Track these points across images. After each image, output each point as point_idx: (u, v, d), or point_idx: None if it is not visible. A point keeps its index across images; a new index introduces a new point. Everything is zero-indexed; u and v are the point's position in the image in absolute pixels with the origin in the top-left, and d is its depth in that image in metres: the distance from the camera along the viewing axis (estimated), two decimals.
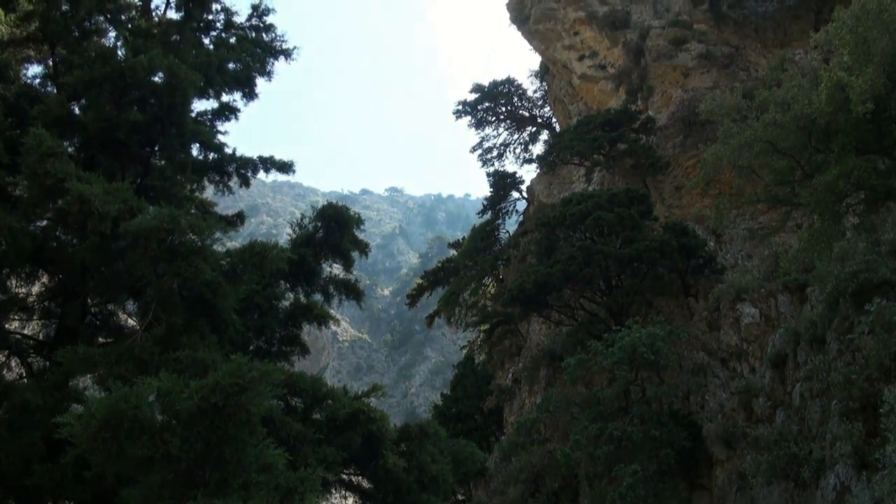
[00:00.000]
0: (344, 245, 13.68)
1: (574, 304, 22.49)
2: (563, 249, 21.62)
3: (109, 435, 6.49)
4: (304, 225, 13.99)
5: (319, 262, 13.78)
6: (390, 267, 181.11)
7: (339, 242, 13.67)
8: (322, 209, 13.77)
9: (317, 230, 13.78)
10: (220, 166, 15.59)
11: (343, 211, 13.65)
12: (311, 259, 13.38)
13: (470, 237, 37.62)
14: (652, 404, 16.40)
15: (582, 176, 31.22)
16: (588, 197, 22.92)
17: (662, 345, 16.09)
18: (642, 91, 29.98)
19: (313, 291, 13.84)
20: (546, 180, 35.65)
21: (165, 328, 9.13)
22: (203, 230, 9.02)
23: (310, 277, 13.61)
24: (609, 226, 21.26)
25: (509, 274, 32.76)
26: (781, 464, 11.60)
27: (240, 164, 15.86)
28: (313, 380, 10.64)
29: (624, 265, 20.77)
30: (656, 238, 20.44)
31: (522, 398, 25.91)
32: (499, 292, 31.67)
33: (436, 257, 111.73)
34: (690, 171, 24.49)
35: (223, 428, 6.80)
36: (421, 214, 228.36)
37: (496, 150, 46.04)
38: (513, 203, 37.74)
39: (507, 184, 37.36)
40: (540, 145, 45.05)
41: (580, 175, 31.75)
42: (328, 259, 13.85)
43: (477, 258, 35.23)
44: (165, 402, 6.83)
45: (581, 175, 31.48)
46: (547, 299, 21.91)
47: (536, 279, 21.14)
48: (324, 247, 13.72)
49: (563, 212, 22.58)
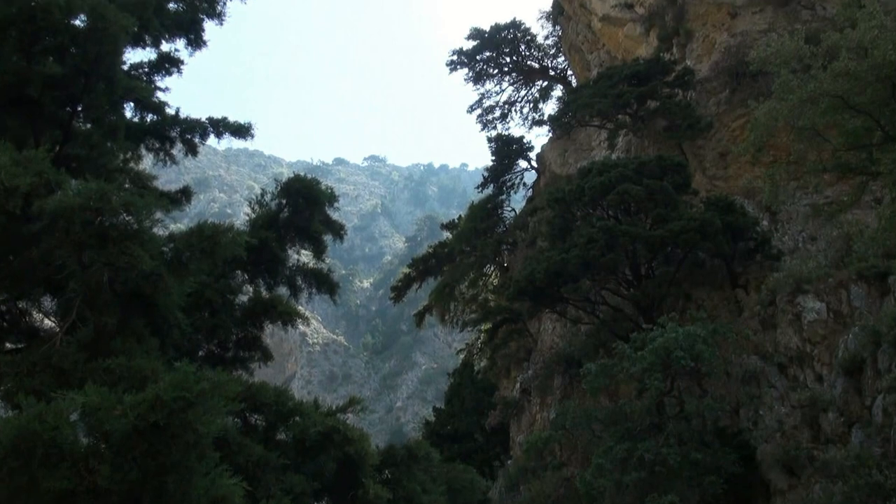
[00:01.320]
0: (314, 227, 13.72)
1: (595, 297, 22.59)
2: (581, 231, 21.71)
3: (19, 464, 6.33)
4: (266, 202, 13.97)
5: (284, 248, 13.82)
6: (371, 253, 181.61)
7: (307, 223, 13.72)
8: (287, 183, 13.72)
9: (281, 209, 13.76)
10: (161, 130, 15.52)
11: (313, 185, 13.61)
12: (274, 244, 13.38)
13: (467, 216, 37.89)
14: (692, 420, 16.39)
15: (604, 141, 31.24)
16: (611, 166, 22.94)
17: (704, 347, 16.07)
18: (678, 36, 29.92)
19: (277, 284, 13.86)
20: (560, 146, 35.69)
21: (93, 330, 9.00)
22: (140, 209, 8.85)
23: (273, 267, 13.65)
24: (637, 201, 21.30)
25: (516, 261, 32.93)
26: (861, 495, 11.41)
27: (185, 128, 15.80)
28: (277, 392, 10.58)
29: (656, 250, 20.83)
30: (696, 216, 20.41)
31: (533, 413, 26.00)
32: (503, 284, 31.83)
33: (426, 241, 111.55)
34: (738, 134, 24.47)
35: (165, 453, 6.70)
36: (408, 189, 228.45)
37: (499, 109, 46.16)
38: (519, 174, 37.98)
39: (513, 151, 37.52)
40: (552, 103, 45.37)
41: (601, 140, 31.82)
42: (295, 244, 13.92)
43: (476, 242, 35.41)
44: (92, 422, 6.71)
45: (602, 140, 31.53)
46: (561, 292, 22.00)
47: (549, 267, 21.20)
48: (290, 229, 13.75)
49: (580, 185, 22.63)
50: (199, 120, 16.02)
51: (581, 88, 31.33)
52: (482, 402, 32.05)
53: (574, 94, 31.52)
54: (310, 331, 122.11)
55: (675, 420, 16.36)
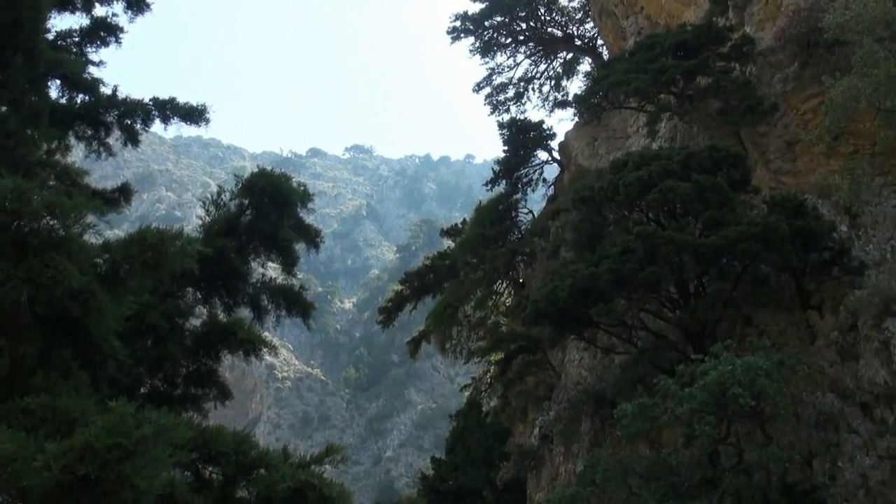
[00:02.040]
0: (283, 233, 13.92)
1: (632, 321, 22.54)
2: (615, 238, 21.68)
3: None
4: (223, 203, 14.15)
5: (247, 260, 14.03)
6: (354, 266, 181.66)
7: (275, 229, 13.91)
8: (250, 179, 13.92)
9: (242, 211, 13.96)
10: (94, 114, 15.60)
11: (282, 181, 13.78)
12: (233, 255, 13.55)
13: (474, 220, 37.85)
14: (754, 474, 16.31)
15: (642, 127, 31.18)
16: (652, 158, 22.95)
17: (768, 383, 16.00)
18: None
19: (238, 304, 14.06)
20: (588, 134, 35.84)
21: (8, 362, 8.99)
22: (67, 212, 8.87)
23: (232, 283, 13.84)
24: (684, 202, 21.26)
25: (533, 276, 33.11)
26: None
27: (124, 111, 15.90)
28: (238, 438, 10.58)
29: (707, 262, 20.77)
30: (757, 220, 20.28)
31: (555, 465, 25.92)
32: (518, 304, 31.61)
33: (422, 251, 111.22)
34: (810, 119, 24.40)
35: None
36: (400, 186, 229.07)
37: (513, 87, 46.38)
38: (538, 168, 38.07)
39: (530, 139, 37.56)
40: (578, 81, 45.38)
41: (639, 125, 31.82)
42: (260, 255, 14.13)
43: (484, 252, 35.28)
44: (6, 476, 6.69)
45: (641, 125, 31.50)
46: (590, 314, 21.91)
47: (574, 284, 21.17)
48: (253, 236, 13.97)
49: (613, 181, 22.64)
50: (142, 101, 16.11)
51: (614, 62, 31.21)
52: (492, 451, 31.92)
53: (605, 68, 31.41)
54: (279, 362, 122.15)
55: (732, 474, 16.28)
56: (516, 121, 39.03)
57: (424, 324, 39.59)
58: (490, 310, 37.29)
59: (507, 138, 37.41)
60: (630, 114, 32.03)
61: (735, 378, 15.94)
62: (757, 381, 15.97)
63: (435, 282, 38.79)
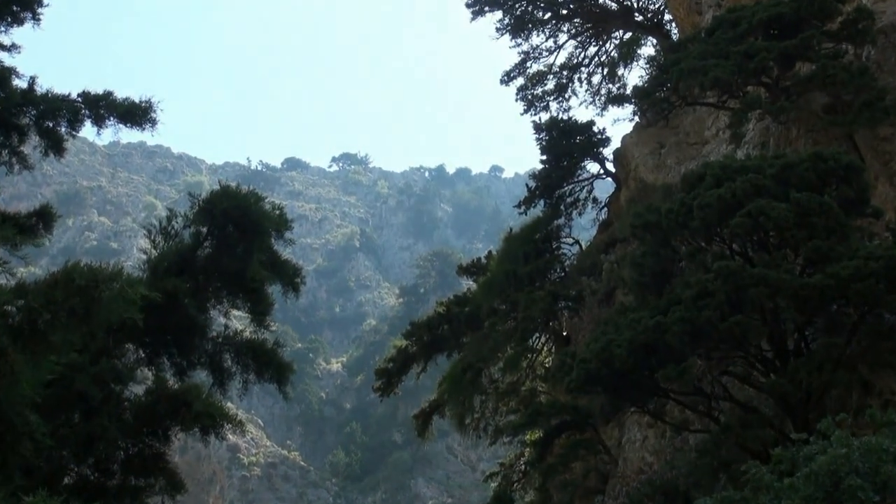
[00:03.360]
0: (252, 272, 14.30)
1: (711, 387, 22.37)
2: (688, 277, 21.61)
3: None
4: (175, 231, 14.74)
5: (205, 307, 14.57)
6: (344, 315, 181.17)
7: (242, 267, 14.29)
8: (210, 200, 14.33)
9: (200, 242, 14.47)
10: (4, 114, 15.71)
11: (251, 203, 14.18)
12: (188, 300, 13.98)
13: (503, 254, 37.93)
14: None
15: (724, 129, 31.01)
16: (736, 171, 22.72)
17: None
18: None
19: (193, 366, 14.60)
20: (652, 139, 36.11)
21: None
22: None
23: (185, 337, 14.31)
24: (780, 228, 21.09)
25: (582, 328, 33.19)
26: None
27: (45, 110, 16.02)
28: None
29: (812, 308, 20.58)
30: (878, 253, 20.05)
31: None
32: (561, 365, 31.34)
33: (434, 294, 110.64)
34: None
35: None
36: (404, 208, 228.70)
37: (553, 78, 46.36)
38: (587, 184, 38.20)
39: (576, 146, 37.48)
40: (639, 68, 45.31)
41: (719, 128, 31.88)
42: (222, 300, 14.68)
43: (517, 296, 34.86)
44: None
45: (722, 127, 31.37)
46: (656, 379, 21.51)
47: (635, 338, 20.99)
48: (213, 275, 14.49)
49: (686, 201, 22.50)
50: (68, 97, 16.18)
51: (686, 43, 30.94)
52: None
53: (675, 52, 31.14)
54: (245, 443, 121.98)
55: None
56: (558, 121, 38.94)
57: (436, 391, 39.35)
58: (524, 373, 36.88)
59: (547, 145, 37.34)
60: (708, 112, 32.09)
61: (851, 464, 15.50)
62: (881, 468, 15.61)
63: (451, 335, 38.62)
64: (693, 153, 33.01)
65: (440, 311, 40.03)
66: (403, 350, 40.30)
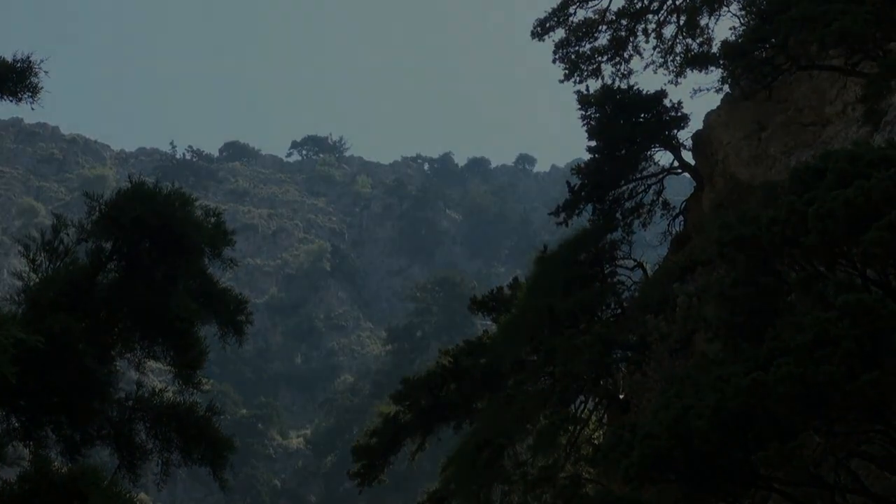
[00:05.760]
0: (177, 306, 14.04)
1: (835, 475, 20.12)
2: (800, 315, 19.34)
3: None
4: (65, 247, 14.24)
5: (108, 357, 14.08)
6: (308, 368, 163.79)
7: (163, 299, 14.03)
8: (118, 203, 14.02)
9: (101, 263, 14.22)
10: None
11: (175, 208, 13.95)
12: (82, 346, 13.41)
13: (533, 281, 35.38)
14: None
15: (853, 104, 29.16)
16: (873, 164, 20.66)
17: None
18: None
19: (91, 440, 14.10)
20: (748, 117, 34.21)
21: None
22: None
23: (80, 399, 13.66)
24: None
25: (646, 389, 30.69)
26: None
27: None
28: None
29: None
30: None
31: None
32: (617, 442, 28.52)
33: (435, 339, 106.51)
34: None
35: None
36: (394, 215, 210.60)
37: (607, 29, 42.04)
38: (655, 182, 35.85)
39: (640, 127, 35.21)
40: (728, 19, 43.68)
41: (847, 102, 30.08)
42: (133, 346, 14.35)
43: (554, 342, 31.74)
44: None
45: (851, 102, 29.59)
46: (753, 462, 19.32)
47: (723, 404, 18.71)
48: (121, 311, 14.20)
49: (797, 207, 20.29)
50: None
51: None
52: None
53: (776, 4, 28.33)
54: None
55: None
56: (614, 92, 36.04)
57: (440, 479, 35.90)
58: (564, 453, 33.17)
59: (597, 125, 34.41)
60: (829, 80, 29.96)
61: None
62: None
63: (459, 399, 34.97)
64: (808, 138, 31.24)
65: (444, 364, 36.27)
66: (392, 419, 36.39)
